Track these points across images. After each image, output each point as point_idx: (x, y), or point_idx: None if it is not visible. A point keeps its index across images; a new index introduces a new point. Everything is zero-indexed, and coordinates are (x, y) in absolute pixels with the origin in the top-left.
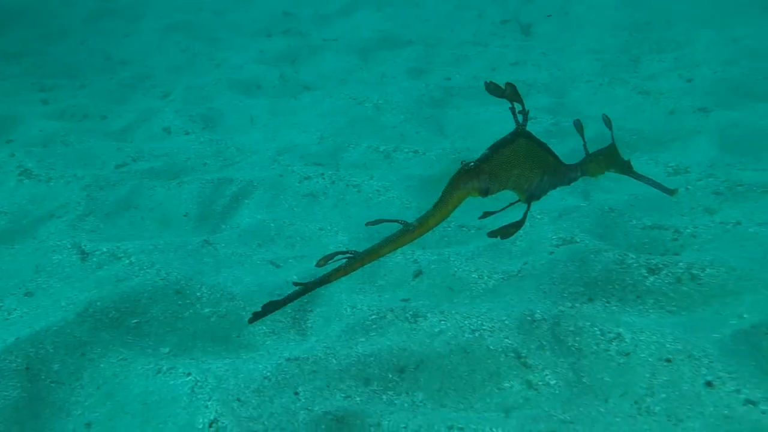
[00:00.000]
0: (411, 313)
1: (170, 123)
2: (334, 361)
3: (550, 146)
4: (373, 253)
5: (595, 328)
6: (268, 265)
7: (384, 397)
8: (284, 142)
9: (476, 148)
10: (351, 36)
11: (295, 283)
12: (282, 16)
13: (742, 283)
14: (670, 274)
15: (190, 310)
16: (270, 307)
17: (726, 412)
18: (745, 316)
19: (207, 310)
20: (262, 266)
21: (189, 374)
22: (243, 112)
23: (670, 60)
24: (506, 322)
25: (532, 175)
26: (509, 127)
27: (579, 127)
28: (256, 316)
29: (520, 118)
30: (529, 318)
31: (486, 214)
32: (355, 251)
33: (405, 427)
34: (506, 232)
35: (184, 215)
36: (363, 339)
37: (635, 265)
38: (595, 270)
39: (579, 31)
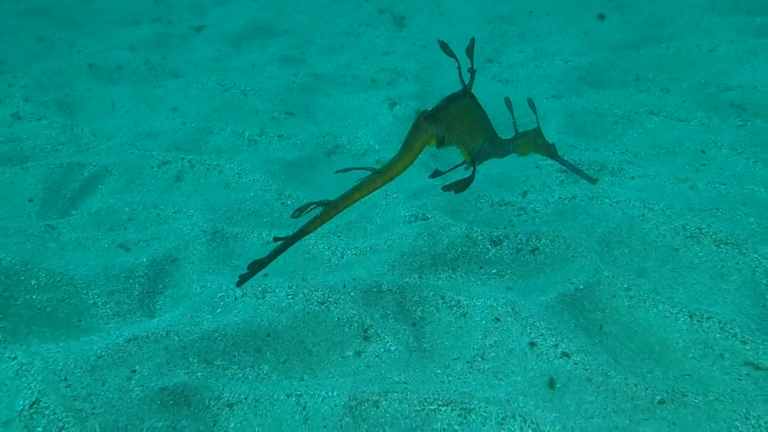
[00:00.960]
0: (261, 288)
1: (19, 108)
2: (177, 338)
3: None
4: (347, 198)
5: (438, 297)
6: (117, 249)
7: (228, 371)
8: (145, 127)
9: (343, 133)
10: (224, 25)
11: (276, 239)
12: (154, 4)
13: (572, 251)
14: (510, 246)
15: (25, 296)
16: (256, 266)
17: (545, 365)
18: (572, 280)
19: (44, 295)
20: (110, 250)
21: (15, 358)
22: (103, 98)
23: (530, 51)
24: (352, 294)
25: (476, 135)
26: (376, 113)
27: (509, 104)
28: (243, 278)
29: (467, 78)
30: (375, 289)
31: (436, 173)
32: (328, 200)
33: (245, 398)
34: (459, 186)
35: (29, 200)
36: (210, 316)
37: (480, 238)
38: (442, 244)
39: (449, 23)
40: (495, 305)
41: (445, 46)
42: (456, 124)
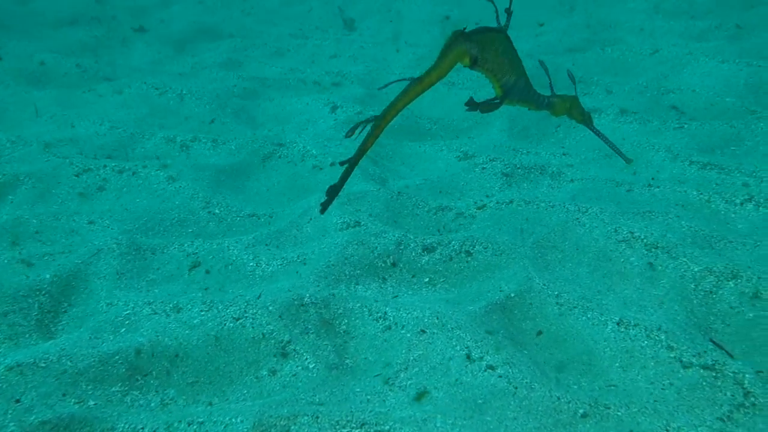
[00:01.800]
0: (172, 305)
1: None
2: (70, 363)
3: None
4: (392, 109)
5: (365, 309)
6: (18, 265)
7: (128, 398)
8: (68, 134)
9: (281, 138)
10: (168, 27)
11: (341, 163)
12: (95, 5)
13: (505, 257)
14: (444, 253)
15: None
16: (332, 192)
17: (468, 378)
18: (504, 288)
19: None
20: (9, 266)
21: None
22: (27, 103)
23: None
24: (271, 308)
25: (510, 70)
26: (317, 117)
27: (545, 67)
28: (325, 205)
29: (502, 20)
30: (297, 303)
31: (471, 102)
32: (375, 115)
33: (143, 428)
34: (486, 107)
35: None
36: (112, 337)
37: (413, 245)
38: (373, 252)
39: (399, 26)
40: (422, 316)
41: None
42: (489, 49)
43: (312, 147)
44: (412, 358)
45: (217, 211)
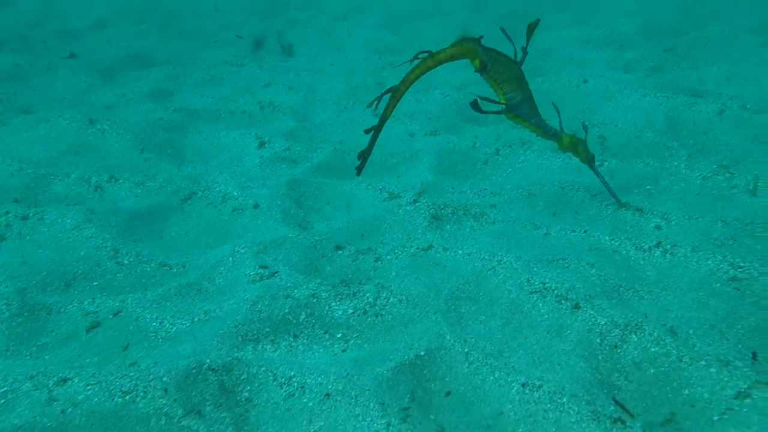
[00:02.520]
0: (58, 377)
1: None
2: None
3: None
4: (407, 80)
5: (269, 374)
6: None
7: None
8: None
9: (203, 177)
10: (99, 53)
11: (366, 131)
12: (25, 29)
13: (419, 310)
14: (358, 306)
15: None
16: (363, 156)
17: None
18: (414, 345)
19: None
20: None
21: None
22: None
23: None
24: (165, 379)
25: (517, 89)
26: (243, 154)
27: (557, 108)
28: (359, 169)
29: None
30: (195, 370)
31: (476, 104)
32: (392, 86)
33: None
34: (488, 112)
35: None
36: None
37: (327, 298)
38: (286, 307)
39: (337, 53)
40: (326, 382)
41: (531, 24)
42: (499, 64)
43: (233, 188)
44: (312, 430)
45: (126, 261)
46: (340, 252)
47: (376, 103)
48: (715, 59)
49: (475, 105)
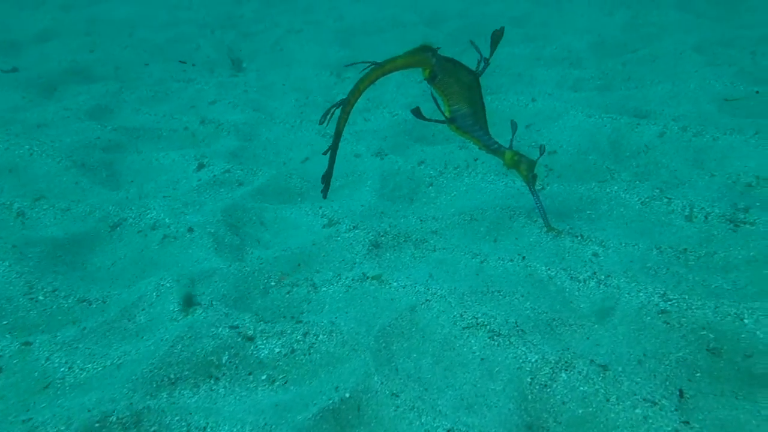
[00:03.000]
0: None
1: None
2: None
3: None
4: (356, 91)
5: (183, 423)
6: None
7: None
8: None
9: (136, 202)
10: (41, 66)
11: (324, 153)
12: None
13: (348, 349)
14: (286, 344)
15: None
16: (326, 179)
17: None
18: (341, 387)
19: None
20: None
21: None
22: None
23: (362, 101)
24: None
25: (464, 102)
26: (181, 177)
27: (514, 127)
28: (324, 192)
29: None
30: (99, 424)
31: (417, 112)
32: (342, 99)
33: None
34: (430, 120)
35: None
36: None
37: (254, 336)
38: (209, 347)
39: (288, 69)
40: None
41: (496, 33)
42: (451, 75)
43: (166, 215)
44: None
45: (41, 297)
46: (272, 284)
47: (327, 118)
48: (661, 78)
49: (416, 113)
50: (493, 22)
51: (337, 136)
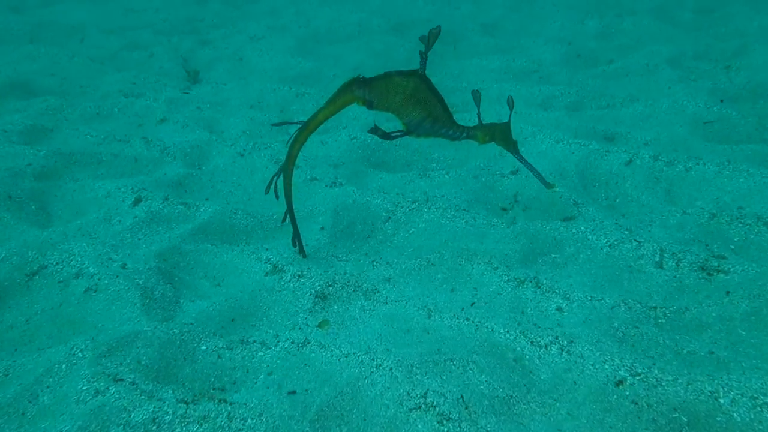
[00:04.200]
0: None
1: None
2: None
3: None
4: (290, 157)
5: None
6: None
7: None
8: None
9: (60, 245)
10: None
11: (283, 220)
12: None
13: None
14: (208, 430)
15: None
16: (295, 242)
17: None
18: None
19: None
20: None
21: None
22: None
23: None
24: None
25: (415, 111)
26: (114, 213)
27: (477, 98)
28: (302, 252)
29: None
30: None
31: (375, 129)
32: (280, 167)
33: None
34: (383, 134)
35: None
36: None
37: (172, 421)
38: None
39: (245, 81)
40: None
41: (432, 32)
42: (389, 95)
43: (91, 261)
44: None
45: None
46: (203, 348)
47: (272, 187)
48: (633, 96)
49: (375, 131)
50: (463, 29)
51: (288, 201)
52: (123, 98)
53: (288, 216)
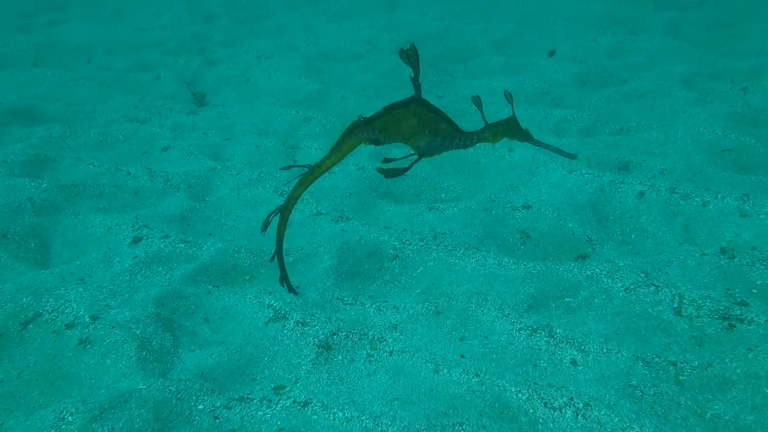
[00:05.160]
0: None
1: None
2: None
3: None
4: (291, 199)
5: None
6: None
7: None
8: None
9: (57, 289)
10: None
11: (270, 259)
12: None
13: None
14: None
15: None
16: (283, 280)
17: None
18: None
19: None
20: None
21: None
22: None
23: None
24: None
25: (422, 135)
26: (113, 253)
27: (478, 103)
28: (291, 289)
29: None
30: None
31: (386, 160)
32: (279, 205)
33: None
34: (392, 172)
35: None
36: None
37: None
38: None
39: (252, 104)
40: None
41: (408, 54)
42: (393, 128)
43: (86, 309)
44: None
45: None
46: (200, 408)
47: (264, 226)
48: (648, 120)
49: (383, 171)
50: (473, 46)
51: (279, 242)
52: (128, 124)
53: (276, 256)
